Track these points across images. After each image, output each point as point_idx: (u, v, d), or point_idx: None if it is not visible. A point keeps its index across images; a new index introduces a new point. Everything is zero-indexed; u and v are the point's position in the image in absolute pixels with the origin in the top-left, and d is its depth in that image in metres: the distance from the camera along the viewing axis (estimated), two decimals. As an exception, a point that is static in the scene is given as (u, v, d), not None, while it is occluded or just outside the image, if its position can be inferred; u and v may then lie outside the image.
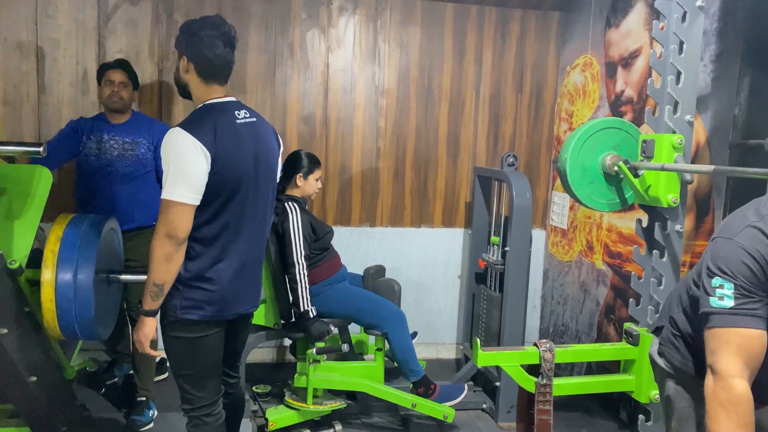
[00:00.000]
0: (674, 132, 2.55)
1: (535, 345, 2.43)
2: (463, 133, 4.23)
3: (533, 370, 2.43)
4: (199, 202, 1.95)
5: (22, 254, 2.27)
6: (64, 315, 2.20)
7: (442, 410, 3.15)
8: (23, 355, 2.27)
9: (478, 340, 2.50)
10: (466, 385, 3.31)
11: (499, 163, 3.66)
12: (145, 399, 3.19)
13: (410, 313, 3.85)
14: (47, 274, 2.19)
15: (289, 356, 4.14)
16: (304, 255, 3.04)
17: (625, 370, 2.70)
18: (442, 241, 4.28)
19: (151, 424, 3.17)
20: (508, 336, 3.32)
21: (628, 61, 3.50)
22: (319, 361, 3.11)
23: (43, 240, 2.38)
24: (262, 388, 3.52)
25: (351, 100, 4.08)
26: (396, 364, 3.22)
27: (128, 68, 3.23)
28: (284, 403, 3.16)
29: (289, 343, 4.07)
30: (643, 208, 2.73)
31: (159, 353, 2.09)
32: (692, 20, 2.55)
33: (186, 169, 1.91)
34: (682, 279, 1.95)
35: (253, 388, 3.50)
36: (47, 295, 2.18)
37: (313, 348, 3.09)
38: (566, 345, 2.60)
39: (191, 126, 1.95)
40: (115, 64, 3.22)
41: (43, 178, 2.40)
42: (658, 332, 1.97)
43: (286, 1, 3.92)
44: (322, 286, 3.19)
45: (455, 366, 4.20)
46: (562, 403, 3.29)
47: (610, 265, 3.62)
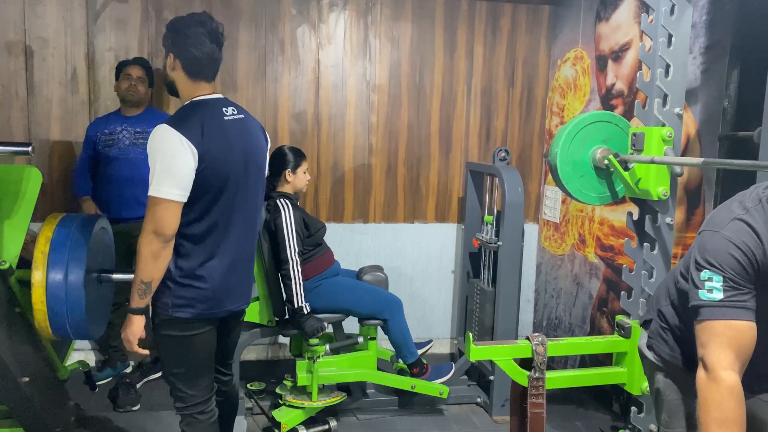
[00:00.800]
0: (664, 125, 2.56)
1: (528, 339, 2.43)
2: (455, 129, 4.23)
3: (526, 363, 2.44)
4: (186, 199, 1.94)
5: (12, 255, 2.26)
6: (55, 315, 2.19)
7: (438, 388, 3.34)
8: (15, 355, 2.27)
9: (471, 334, 2.50)
10: (453, 364, 3.48)
11: (491, 158, 3.66)
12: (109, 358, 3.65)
13: (404, 309, 3.85)
14: (37, 275, 2.18)
15: (284, 353, 4.14)
16: (297, 251, 3.05)
17: (617, 363, 2.72)
18: (435, 236, 4.28)
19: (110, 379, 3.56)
20: (502, 330, 3.34)
21: (618, 55, 3.51)
22: (320, 357, 3.12)
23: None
24: (257, 386, 3.52)
25: (342, 97, 4.07)
26: (394, 348, 3.35)
27: (146, 65, 3.52)
28: (286, 404, 3.15)
29: (282, 341, 4.09)
30: (633, 201, 2.74)
31: (146, 352, 2.09)
32: (681, 13, 2.56)
33: (173, 166, 1.90)
34: (670, 272, 1.96)
35: (248, 386, 3.50)
36: (38, 296, 2.17)
37: (325, 345, 3.14)
38: (558, 338, 2.61)
39: (178, 123, 1.95)
40: (134, 61, 3.52)
41: (33, 179, 2.39)
42: (647, 325, 1.98)
43: (276, -2, 3.91)
44: (317, 280, 3.20)
45: (450, 360, 4.21)
46: (556, 396, 3.31)
47: (602, 258, 3.63)
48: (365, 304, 3.25)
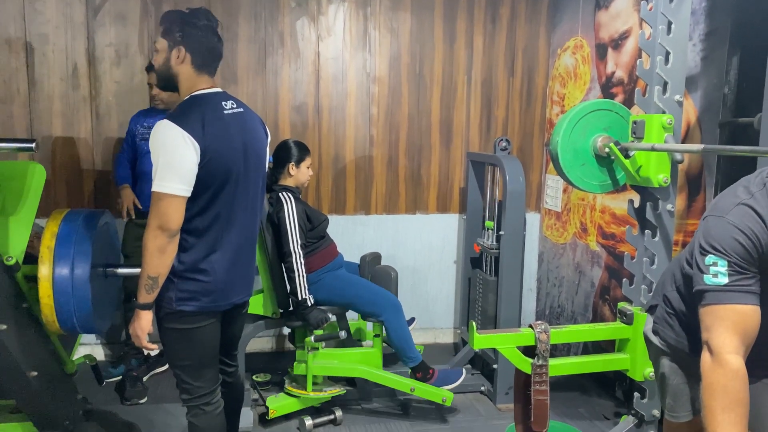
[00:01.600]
0: (664, 112, 2.56)
1: (530, 327, 2.45)
2: (456, 119, 4.23)
3: (529, 351, 2.46)
4: (189, 194, 1.95)
5: (18, 250, 2.28)
6: (62, 310, 2.22)
7: (441, 394, 3.17)
8: (23, 350, 2.29)
9: (474, 323, 2.52)
10: (464, 369, 3.33)
11: (492, 148, 3.67)
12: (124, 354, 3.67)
13: (407, 299, 3.88)
14: (44, 270, 2.19)
15: (289, 345, 4.16)
16: (300, 244, 3.06)
17: (619, 349, 2.74)
18: (437, 227, 4.29)
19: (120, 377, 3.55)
20: (505, 319, 3.35)
21: (618, 43, 3.50)
22: (318, 349, 3.13)
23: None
24: (263, 377, 3.55)
25: (343, 89, 4.07)
26: (395, 351, 3.24)
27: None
28: (284, 391, 3.19)
29: (288, 332, 4.11)
30: (634, 188, 2.75)
31: (156, 346, 2.11)
32: (680, 0, 2.56)
33: (175, 160, 1.91)
34: (675, 258, 1.97)
35: (253, 377, 3.52)
36: (45, 291, 2.19)
37: (312, 336, 3.11)
38: (561, 326, 2.62)
39: (179, 118, 1.95)
40: (150, 66, 3.44)
41: (36, 175, 2.40)
42: (652, 311, 1.99)
43: (275, -10, 3.91)
44: (319, 274, 3.21)
45: (453, 350, 4.24)
46: (559, 383, 3.33)
47: (604, 246, 3.64)
48: (362, 303, 3.22)
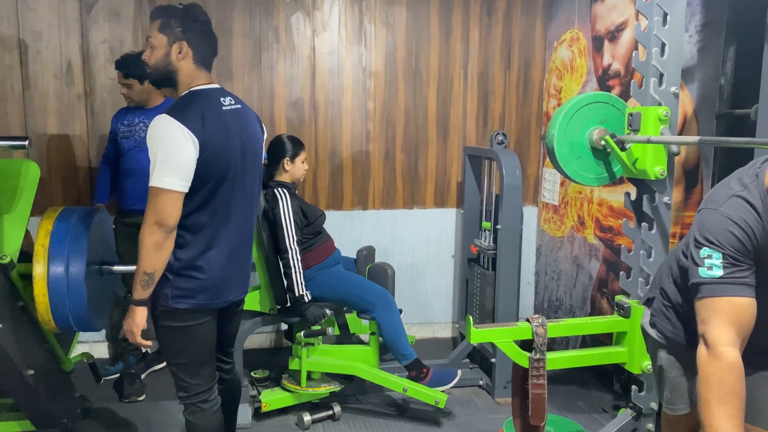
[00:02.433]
0: (660, 104, 2.55)
1: (528, 320, 2.44)
2: (453, 113, 4.22)
3: (527, 345, 2.45)
4: (187, 190, 1.94)
5: (13, 249, 2.27)
6: (57, 308, 2.21)
7: (434, 395, 3.08)
8: (19, 348, 2.29)
9: (471, 317, 2.51)
10: (459, 371, 3.22)
11: (489, 142, 3.66)
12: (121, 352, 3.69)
13: (405, 294, 3.87)
14: (39, 269, 2.19)
15: (286, 341, 4.16)
16: (296, 240, 3.05)
17: (617, 342, 2.73)
18: (434, 221, 4.29)
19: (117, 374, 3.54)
20: (502, 313, 3.35)
21: (614, 35, 3.49)
22: (313, 344, 3.13)
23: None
24: (260, 373, 3.54)
25: (339, 84, 4.06)
26: (388, 348, 3.21)
27: (124, 67, 3.38)
28: (280, 386, 3.19)
29: (286, 328, 4.11)
30: (631, 181, 2.74)
31: (150, 343, 2.10)
32: (676, -9, 2.54)
33: (174, 156, 1.90)
34: (672, 250, 1.97)
35: (251, 374, 3.52)
36: (40, 290, 2.19)
37: (303, 331, 3.11)
38: (558, 319, 2.62)
39: (178, 113, 1.94)
40: (115, 65, 3.43)
41: (31, 172, 2.40)
42: (650, 303, 1.99)
43: (270, -15, 3.89)
44: (315, 270, 3.20)
45: (451, 345, 4.24)
46: (557, 377, 3.33)
47: (601, 240, 3.64)
48: (354, 300, 3.19)
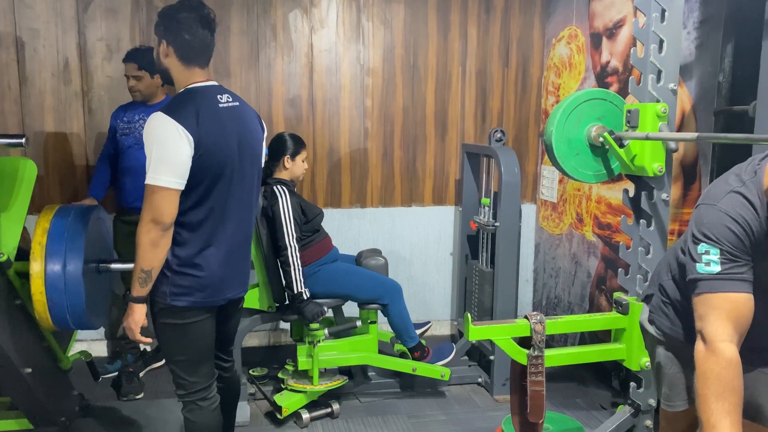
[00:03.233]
0: (658, 101, 2.55)
1: (526, 317, 2.44)
2: (451, 110, 4.21)
3: (525, 342, 2.45)
4: (183, 187, 1.94)
5: (10, 247, 2.27)
6: (55, 306, 2.21)
7: (439, 370, 3.35)
8: (17, 347, 2.28)
9: (469, 315, 2.51)
10: (454, 345, 3.50)
11: (487, 139, 3.66)
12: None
13: (404, 292, 3.85)
14: (36, 267, 2.18)
15: (285, 339, 4.17)
16: (295, 237, 3.05)
17: (615, 339, 2.73)
18: (433, 219, 4.28)
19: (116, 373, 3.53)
20: (501, 310, 3.35)
21: (612, 32, 3.49)
22: (320, 341, 3.14)
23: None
24: (259, 371, 3.54)
25: (336, 81, 4.05)
26: (395, 333, 3.37)
27: (137, 59, 3.33)
28: (288, 389, 3.17)
29: (284, 326, 4.11)
30: (629, 178, 2.74)
31: (150, 340, 2.10)
32: (674, -13, 2.54)
33: (169, 153, 1.90)
34: (671, 247, 1.97)
35: (250, 371, 3.52)
36: (37, 288, 2.18)
37: (324, 329, 3.16)
38: (557, 316, 2.62)
39: (173, 111, 1.94)
40: (126, 57, 3.37)
41: (28, 170, 2.39)
42: (648, 300, 1.99)
43: (267, -17, 3.88)
44: (315, 266, 3.21)
45: (450, 342, 4.23)
46: (556, 374, 3.34)
47: (600, 237, 3.64)
48: (364, 290, 3.26)
